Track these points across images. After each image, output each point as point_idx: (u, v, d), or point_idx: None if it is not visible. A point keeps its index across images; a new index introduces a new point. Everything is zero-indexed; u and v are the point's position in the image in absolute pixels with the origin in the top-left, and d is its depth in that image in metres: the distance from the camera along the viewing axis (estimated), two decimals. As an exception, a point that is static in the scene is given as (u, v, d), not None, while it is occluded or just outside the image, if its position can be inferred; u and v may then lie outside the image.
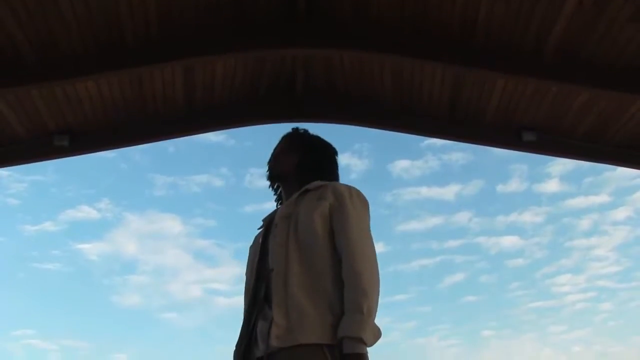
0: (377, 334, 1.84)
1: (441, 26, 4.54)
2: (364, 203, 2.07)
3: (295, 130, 2.34)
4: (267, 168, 2.31)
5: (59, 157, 5.36)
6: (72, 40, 4.25)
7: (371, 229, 2.05)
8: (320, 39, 4.65)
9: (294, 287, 1.86)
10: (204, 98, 5.20)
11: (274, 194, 2.36)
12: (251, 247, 2.23)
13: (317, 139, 2.32)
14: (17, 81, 4.42)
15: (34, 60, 4.28)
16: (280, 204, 2.28)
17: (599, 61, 4.56)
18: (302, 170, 2.20)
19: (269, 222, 2.16)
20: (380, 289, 1.92)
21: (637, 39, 4.35)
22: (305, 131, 2.33)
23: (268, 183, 2.36)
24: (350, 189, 2.08)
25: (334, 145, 2.37)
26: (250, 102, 5.37)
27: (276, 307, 1.83)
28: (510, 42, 4.57)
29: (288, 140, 2.31)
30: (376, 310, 1.87)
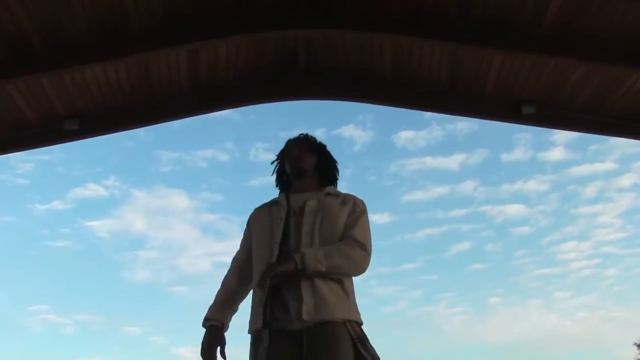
0: (314, 262, 2.27)
1: (439, 2, 4.61)
2: (367, 213, 2.54)
3: (308, 135, 2.70)
4: (292, 162, 2.59)
5: (70, 141, 5.53)
6: (78, 27, 4.37)
7: (376, 201, 2.49)
8: (321, 20, 4.74)
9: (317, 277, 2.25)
10: (208, 79, 5.32)
11: (279, 183, 2.68)
12: (261, 220, 2.52)
13: (326, 147, 2.72)
14: (27, 69, 4.55)
15: (43, 48, 4.41)
16: (286, 194, 2.57)
17: (595, 35, 4.64)
18: (320, 170, 2.62)
19: (291, 209, 2.46)
20: (358, 278, 2.42)
21: (633, 12, 4.41)
22: (316, 139, 2.71)
23: (276, 172, 2.69)
24: (364, 203, 2.56)
25: (339, 115, 2.71)
26: (253, 82, 5.49)
27: (305, 288, 2.23)
28: (508, 17, 4.65)
29: (307, 143, 2.66)
30: (329, 267, 2.28)
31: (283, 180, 2.66)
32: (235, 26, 4.69)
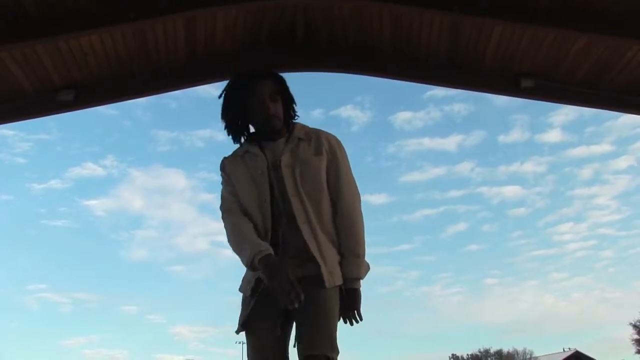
0: (368, 269, 2.40)
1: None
2: (344, 150, 2.48)
3: (278, 75, 2.50)
4: (268, 120, 2.41)
5: (65, 111, 5.46)
6: (74, -7, 4.29)
7: (374, 181, 2.50)
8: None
9: (320, 237, 2.27)
10: (206, 49, 5.26)
11: (234, 128, 2.49)
12: (240, 173, 2.38)
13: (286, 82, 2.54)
14: (21, 36, 4.47)
15: (38, 14, 4.33)
16: (255, 144, 2.43)
17: (596, 5, 4.59)
18: (287, 118, 2.50)
19: (269, 162, 2.36)
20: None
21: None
22: (281, 76, 2.53)
23: (229, 116, 2.49)
24: (337, 140, 2.48)
25: (337, 96, 2.62)
26: (251, 52, 5.42)
27: (314, 253, 2.23)
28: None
29: (278, 85, 2.47)
30: (365, 250, 2.37)
31: (238, 125, 2.47)
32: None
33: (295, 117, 2.51)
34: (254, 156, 2.37)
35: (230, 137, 2.49)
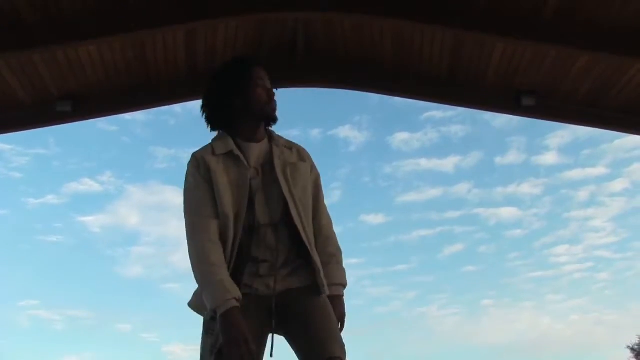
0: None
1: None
2: None
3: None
4: (269, 104, 2.18)
5: (62, 123, 5.41)
6: (74, 4, 4.26)
7: (371, 201, 2.43)
8: (321, 2, 4.65)
9: (312, 242, 2.15)
10: (206, 62, 5.21)
11: (219, 118, 2.19)
12: (224, 180, 2.08)
13: None
14: (19, 45, 4.42)
15: (36, 23, 4.29)
16: (235, 141, 2.15)
17: (598, 23, 4.57)
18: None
19: (251, 167, 2.12)
20: None
21: (635, 2, 4.35)
22: None
23: (218, 102, 2.19)
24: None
25: (336, 116, 2.53)
26: (251, 67, 5.38)
27: (313, 257, 2.10)
28: (509, 6, 4.58)
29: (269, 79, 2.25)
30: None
31: (225, 115, 2.17)
32: (234, 6, 4.59)
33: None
34: (237, 159, 2.10)
35: (210, 124, 2.21)
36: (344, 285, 2.23)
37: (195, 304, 2.14)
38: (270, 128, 2.26)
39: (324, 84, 5.66)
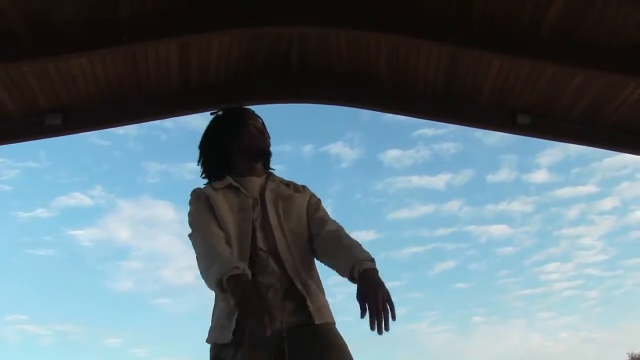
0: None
1: (437, 5, 4.51)
2: None
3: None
4: (265, 144, 2.38)
5: (51, 137, 5.30)
6: (65, 15, 4.18)
7: (362, 218, 2.46)
8: (316, 17, 4.60)
9: (303, 274, 2.12)
10: (199, 77, 5.15)
11: (218, 164, 2.37)
12: (225, 207, 2.18)
13: None
14: (8, 57, 4.34)
15: (26, 36, 4.21)
16: (233, 177, 2.29)
17: (595, 40, 4.55)
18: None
19: (251, 198, 2.24)
20: None
21: (634, 18, 4.34)
22: None
23: (218, 146, 2.40)
24: None
25: (328, 133, 2.69)
26: (245, 81, 5.32)
27: (302, 289, 2.07)
28: (506, 22, 4.55)
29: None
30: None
31: (222, 156, 2.34)
32: (228, 20, 4.53)
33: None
34: (236, 189, 2.24)
35: (205, 173, 2.39)
36: (373, 260, 2.02)
37: (218, 334, 2.06)
38: (270, 170, 2.42)
39: (318, 100, 5.60)
